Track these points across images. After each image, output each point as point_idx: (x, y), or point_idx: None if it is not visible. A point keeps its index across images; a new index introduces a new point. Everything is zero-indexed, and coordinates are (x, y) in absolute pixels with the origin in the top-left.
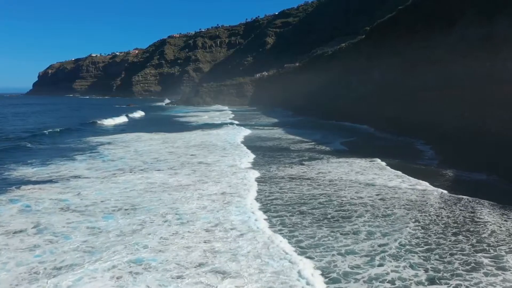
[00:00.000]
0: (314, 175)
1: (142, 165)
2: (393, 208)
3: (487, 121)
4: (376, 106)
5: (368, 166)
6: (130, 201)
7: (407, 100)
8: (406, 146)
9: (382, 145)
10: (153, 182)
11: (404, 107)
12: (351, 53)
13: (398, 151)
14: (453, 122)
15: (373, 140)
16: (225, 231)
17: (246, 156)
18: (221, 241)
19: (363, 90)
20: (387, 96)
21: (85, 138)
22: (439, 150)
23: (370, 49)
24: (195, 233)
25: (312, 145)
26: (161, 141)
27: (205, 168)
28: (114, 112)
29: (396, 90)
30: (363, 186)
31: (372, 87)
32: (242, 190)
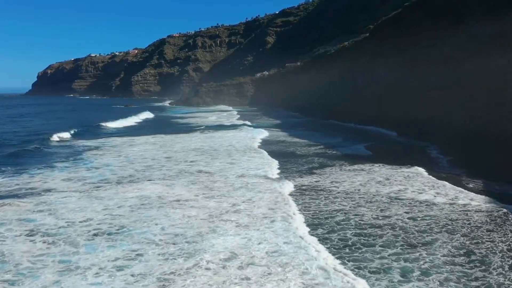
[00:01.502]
0: (328, 186)
1: (164, 174)
2: (430, 231)
3: (502, 121)
4: (382, 106)
5: (389, 175)
6: (117, 222)
7: (415, 100)
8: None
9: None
10: (147, 196)
11: (412, 107)
12: (354, 52)
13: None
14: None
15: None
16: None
17: (255, 162)
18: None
19: (367, 89)
20: (393, 96)
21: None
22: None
23: (374, 48)
24: (211, 272)
25: (320, 149)
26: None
27: (207, 177)
28: (117, 113)
29: (402, 89)
30: (388, 201)
31: (376, 87)
32: (256, 208)
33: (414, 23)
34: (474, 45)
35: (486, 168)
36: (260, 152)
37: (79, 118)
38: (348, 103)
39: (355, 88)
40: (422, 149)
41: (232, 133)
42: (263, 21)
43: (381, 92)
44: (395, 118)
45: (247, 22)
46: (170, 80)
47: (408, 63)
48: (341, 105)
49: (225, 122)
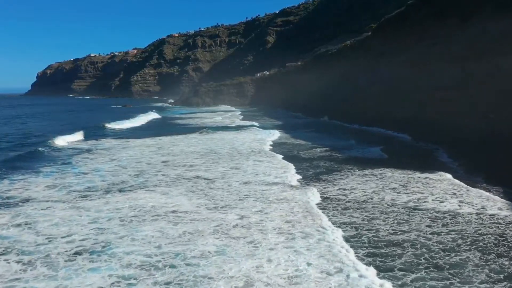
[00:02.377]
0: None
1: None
2: (458, 249)
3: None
4: (386, 107)
5: (405, 180)
6: (104, 238)
7: (421, 100)
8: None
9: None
10: (141, 206)
11: (418, 108)
12: (357, 51)
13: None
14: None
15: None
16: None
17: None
18: None
19: (370, 89)
20: (398, 96)
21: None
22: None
23: (377, 46)
24: None
25: (325, 152)
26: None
27: (206, 183)
28: (117, 114)
29: (407, 89)
30: (406, 211)
31: (380, 86)
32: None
33: (418, 21)
34: (483, 43)
35: (506, 173)
36: (272, 156)
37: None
38: (351, 103)
39: (357, 87)
40: (432, 152)
41: (243, 135)
42: (263, 21)
43: (384, 92)
44: (400, 119)
45: (247, 21)
46: (170, 80)
47: (413, 62)
48: (344, 105)
49: (230, 123)
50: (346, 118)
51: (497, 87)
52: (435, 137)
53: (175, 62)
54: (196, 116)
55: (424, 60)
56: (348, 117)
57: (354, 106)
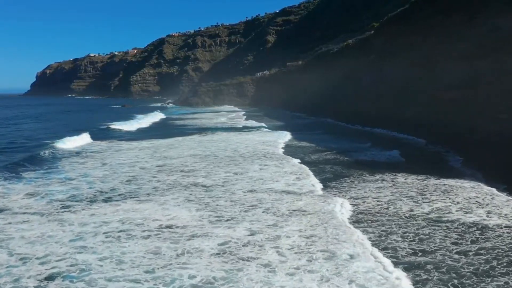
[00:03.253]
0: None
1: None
2: (493, 272)
3: None
4: (390, 107)
5: (421, 188)
6: (84, 258)
7: (428, 101)
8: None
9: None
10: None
11: (425, 109)
12: (359, 50)
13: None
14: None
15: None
16: None
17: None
18: None
19: (373, 89)
20: (403, 96)
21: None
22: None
23: (381, 45)
24: None
25: (331, 155)
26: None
27: (204, 191)
28: (120, 114)
29: (413, 89)
30: (427, 225)
31: (384, 86)
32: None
33: (423, 19)
34: (492, 40)
35: None
36: (287, 160)
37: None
38: (353, 103)
39: (360, 87)
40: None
41: (254, 136)
42: (264, 20)
43: (388, 92)
44: (406, 120)
45: (247, 21)
46: (170, 80)
47: (419, 61)
48: (346, 106)
49: (236, 124)
50: (349, 118)
51: (508, 86)
52: (444, 139)
53: (174, 62)
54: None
55: (430, 59)
56: (351, 117)
57: (357, 107)
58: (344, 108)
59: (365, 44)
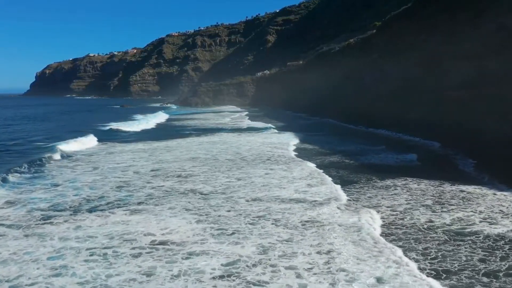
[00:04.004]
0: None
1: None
2: None
3: None
4: (394, 108)
5: (437, 194)
6: (60, 283)
7: (433, 101)
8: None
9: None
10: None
11: (430, 109)
12: (361, 49)
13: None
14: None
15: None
16: None
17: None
18: None
19: (376, 89)
20: (407, 96)
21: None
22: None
23: (383, 45)
24: None
25: (336, 158)
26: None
27: (204, 201)
28: (122, 114)
29: (417, 89)
30: (449, 238)
31: (387, 86)
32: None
33: (427, 17)
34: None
35: None
36: (295, 163)
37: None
38: (355, 104)
39: (362, 87)
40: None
41: (261, 138)
42: (264, 20)
43: (391, 92)
44: (411, 121)
45: (247, 21)
46: (169, 80)
47: (423, 61)
48: (348, 106)
49: (243, 125)
50: (352, 119)
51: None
52: (453, 140)
53: (174, 61)
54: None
55: (434, 58)
56: (354, 118)
57: (359, 107)
58: (346, 108)
59: (367, 43)
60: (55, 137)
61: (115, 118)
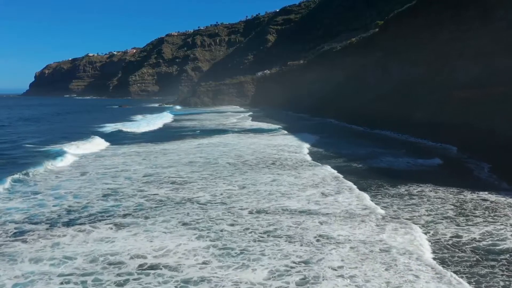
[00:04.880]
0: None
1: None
2: None
3: None
4: (399, 108)
5: (458, 203)
6: None
7: (440, 101)
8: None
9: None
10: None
11: (437, 109)
12: (364, 48)
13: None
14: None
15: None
16: None
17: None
18: None
19: (380, 88)
20: (412, 96)
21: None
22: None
23: (387, 43)
24: None
25: (344, 162)
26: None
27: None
28: (124, 115)
29: (422, 89)
30: (480, 259)
31: (391, 86)
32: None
33: (432, 15)
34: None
35: None
36: (303, 168)
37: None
38: (359, 104)
39: (366, 87)
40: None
41: (265, 140)
42: (264, 19)
43: (397, 92)
44: (417, 122)
45: (247, 20)
46: (169, 80)
47: (428, 60)
48: (351, 106)
49: (242, 126)
50: (355, 120)
51: None
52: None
53: (174, 61)
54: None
55: (441, 57)
56: (357, 119)
57: (363, 107)
58: (349, 109)
59: (369, 42)
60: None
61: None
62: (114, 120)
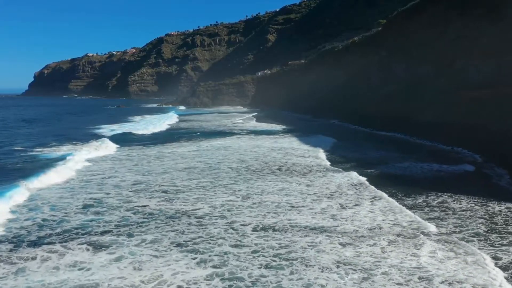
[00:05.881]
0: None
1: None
2: None
3: None
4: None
5: (487, 217)
6: None
7: (448, 102)
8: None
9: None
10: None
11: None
12: (367, 47)
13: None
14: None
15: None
16: None
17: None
18: None
19: (384, 88)
20: (418, 96)
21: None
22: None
23: (390, 42)
24: None
25: (350, 167)
26: None
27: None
28: (114, 117)
29: (428, 89)
30: None
31: (395, 86)
32: None
33: (438, 13)
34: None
35: None
36: (313, 173)
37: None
38: (362, 104)
39: (369, 87)
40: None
41: (269, 143)
42: (264, 19)
43: (401, 92)
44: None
45: (247, 20)
46: (168, 80)
47: (435, 59)
48: (354, 107)
49: (245, 127)
50: (360, 121)
51: None
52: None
53: (173, 61)
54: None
55: (448, 56)
56: (362, 120)
57: (367, 108)
58: (352, 109)
59: (373, 41)
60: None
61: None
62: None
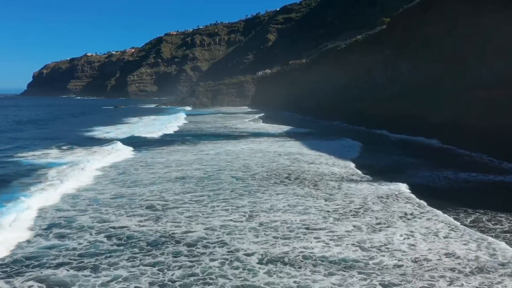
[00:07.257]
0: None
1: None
2: None
3: None
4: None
5: None
6: None
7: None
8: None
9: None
10: None
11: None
12: (370, 46)
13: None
14: None
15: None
16: None
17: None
18: None
19: (389, 88)
20: (426, 96)
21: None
22: None
23: (395, 41)
24: None
25: (368, 176)
26: None
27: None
28: (112, 118)
29: (437, 89)
30: None
31: (401, 86)
32: None
33: (446, 9)
34: None
35: None
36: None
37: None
38: (368, 105)
39: (373, 87)
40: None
41: (275, 148)
42: (264, 18)
43: (408, 92)
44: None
45: (247, 19)
46: (167, 80)
47: (444, 57)
48: (359, 108)
49: (247, 129)
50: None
51: None
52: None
53: (172, 61)
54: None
55: (458, 54)
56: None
57: (372, 109)
58: (356, 110)
59: (376, 39)
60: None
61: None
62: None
